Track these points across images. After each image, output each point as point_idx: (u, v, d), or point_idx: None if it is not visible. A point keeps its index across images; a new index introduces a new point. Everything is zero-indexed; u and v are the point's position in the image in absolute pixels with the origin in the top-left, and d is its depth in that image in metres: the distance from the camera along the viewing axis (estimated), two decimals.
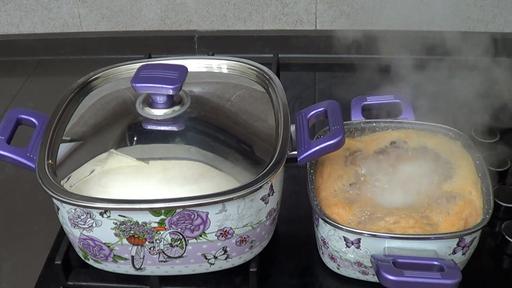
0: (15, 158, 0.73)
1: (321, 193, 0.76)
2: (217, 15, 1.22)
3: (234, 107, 0.79)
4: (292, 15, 1.21)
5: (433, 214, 0.72)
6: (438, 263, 0.67)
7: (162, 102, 0.75)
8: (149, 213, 0.67)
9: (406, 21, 1.18)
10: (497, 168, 0.90)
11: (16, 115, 0.78)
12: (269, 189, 0.70)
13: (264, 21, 1.22)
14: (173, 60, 0.85)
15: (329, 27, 1.22)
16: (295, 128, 0.77)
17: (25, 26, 1.26)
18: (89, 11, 1.23)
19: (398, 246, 0.70)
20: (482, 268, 0.79)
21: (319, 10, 1.20)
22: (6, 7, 1.24)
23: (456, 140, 0.83)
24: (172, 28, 1.25)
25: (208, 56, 0.89)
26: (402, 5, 1.17)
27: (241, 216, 0.69)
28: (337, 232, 0.72)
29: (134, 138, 0.75)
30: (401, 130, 0.84)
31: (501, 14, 1.16)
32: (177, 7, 1.22)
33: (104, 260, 0.72)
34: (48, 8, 1.23)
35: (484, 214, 0.72)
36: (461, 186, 0.76)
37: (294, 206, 0.87)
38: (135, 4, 1.22)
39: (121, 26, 1.25)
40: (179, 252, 0.71)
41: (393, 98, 0.87)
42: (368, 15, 1.19)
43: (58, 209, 0.70)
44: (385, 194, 0.77)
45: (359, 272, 0.75)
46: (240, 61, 0.85)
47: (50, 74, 1.23)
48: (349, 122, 0.85)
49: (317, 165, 0.80)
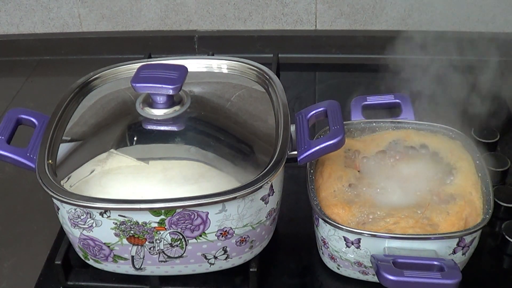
0: (15, 158, 0.73)
1: (321, 193, 0.76)
2: (217, 15, 1.22)
3: (234, 107, 0.79)
4: (292, 15, 1.21)
5: (433, 215, 0.72)
6: (438, 263, 0.67)
7: (162, 102, 0.75)
8: (149, 213, 0.67)
9: (406, 21, 1.18)
10: (497, 168, 0.90)
11: (16, 115, 0.78)
12: (269, 189, 0.70)
13: (264, 21, 1.22)
14: (173, 60, 0.85)
15: (329, 27, 1.22)
16: (295, 128, 0.77)
17: (25, 26, 1.26)
18: (89, 11, 1.23)
19: (398, 246, 0.70)
20: (482, 268, 0.79)
21: (319, 10, 1.20)
22: (6, 7, 1.24)
23: (456, 140, 0.83)
24: (172, 28, 1.25)
25: (208, 56, 0.89)
26: (402, 5, 1.17)
27: (241, 216, 0.69)
28: (337, 232, 0.72)
29: (134, 138, 0.75)
30: (401, 130, 0.84)
31: (501, 14, 1.16)
32: (177, 7, 1.22)
33: (104, 260, 0.72)
34: (48, 8, 1.23)
35: (484, 214, 0.72)
36: (461, 187, 0.76)
37: (294, 206, 0.87)
38: (135, 4, 1.22)
39: (121, 26, 1.25)
40: (179, 252, 0.71)
41: (393, 98, 0.87)
42: (368, 15, 1.19)
43: (58, 209, 0.70)
44: (385, 194, 0.77)
45: (359, 272, 0.75)
46: (240, 61, 0.85)
47: (50, 74, 1.23)
48: (349, 122, 0.85)
49: (317, 165, 0.80)
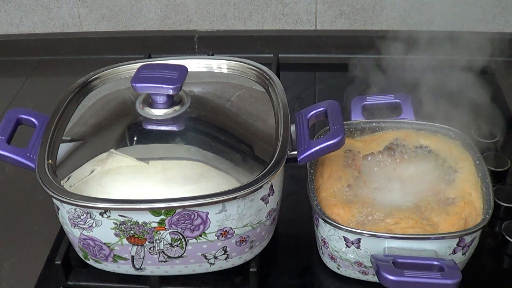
0: (15, 158, 0.73)
1: (321, 194, 0.76)
2: (217, 15, 1.22)
3: (234, 107, 0.79)
4: (292, 15, 1.21)
5: (433, 215, 0.72)
6: (438, 263, 0.67)
7: (161, 102, 0.75)
8: (149, 213, 0.67)
9: (406, 21, 1.18)
10: (497, 168, 0.90)
11: (16, 115, 0.77)
12: (269, 189, 0.70)
13: (264, 21, 1.22)
14: (173, 60, 0.85)
15: (329, 27, 1.22)
16: (295, 128, 0.76)
17: (25, 26, 1.26)
18: (89, 11, 1.23)
19: (398, 246, 0.70)
20: (482, 268, 0.79)
21: (319, 10, 1.20)
22: (6, 7, 1.24)
23: (456, 140, 0.83)
24: (172, 28, 1.25)
25: (208, 56, 0.89)
26: (402, 5, 1.17)
27: (241, 216, 0.69)
28: (337, 232, 0.72)
29: (134, 138, 0.75)
30: (401, 130, 0.84)
31: (501, 14, 1.16)
32: (177, 7, 1.22)
33: (104, 260, 0.72)
34: (48, 8, 1.23)
35: (484, 214, 0.72)
36: (461, 187, 0.76)
37: (294, 206, 0.87)
38: (135, 4, 1.22)
39: (121, 26, 1.25)
40: (179, 252, 0.71)
41: (393, 98, 0.87)
42: (368, 15, 1.19)
43: (58, 209, 0.70)
44: (385, 195, 0.77)
45: (359, 272, 0.75)
46: (240, 61, 0.85)
47: (50, 74, 1.23)
48: (349, 122, 0.85)
49: (317, 166, 0.80)
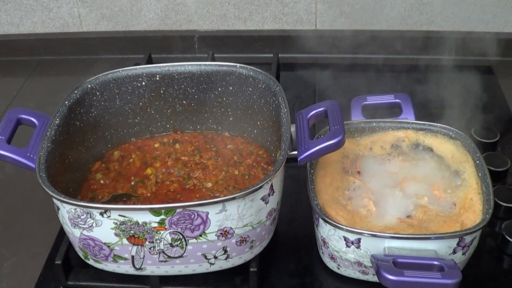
0: (15, 158, 0.73)
1: (322, 197, 0.76)
2: (217, 15, 1.22)
3: None
4: (292, 15, 1.21)
5: (431, 225, 0.73)
6: (438, 263, 0.67)
7: None
8: (149, 213, 0.67)
9: (406, 21, 1.18)
10: (497, 168, 0.90)
11: (16, 115, 0.78)
12: (269, 189, 0.70)
13: (264, 21, 1.22)
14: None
15: (329, 27, 1.22)
16: (295, 128, 0.77)
17: (25, 26, 1.26)
18: (89, 11, 1.23)
19: (398, 246, 0.70)
20: (482, 268, 0.79)
21: (319, 10, 1.20)
22: (6, 7, 1.24)
23: (456, 140, 0.83)
24: (172, 28, 1.25)
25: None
26: (402, 5, 1.17)
27: (241, 216, 0.69)
28: (337, 232, 0.72)
29: None
30: (401, 130, 0.84)
31: (501, 14, 1.16)
32: (177, 7, 1.22)
33: (104, 260, 0.72)
34: (48, 8, 1.23)
35: (484, 214, 0.72)
36: (463, 195, 0.76)
37: (294, 206, 0.87)
38: (135, 4, 1.22)
39: (121, 26, 1.25)
40: (179, 252, 0.71)
41: (393, 98, 0.87)
42: (368, 15, 1.19)
43: (58, 209, 0.70)
44: (385, 197, 0.77)
45: (359, 272, 0.75)
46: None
47: (50, 74, 1.23)
48: (349, 122, 0.85)
49: (317, 169, 0.80)
